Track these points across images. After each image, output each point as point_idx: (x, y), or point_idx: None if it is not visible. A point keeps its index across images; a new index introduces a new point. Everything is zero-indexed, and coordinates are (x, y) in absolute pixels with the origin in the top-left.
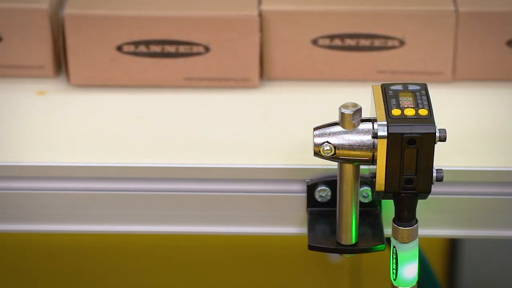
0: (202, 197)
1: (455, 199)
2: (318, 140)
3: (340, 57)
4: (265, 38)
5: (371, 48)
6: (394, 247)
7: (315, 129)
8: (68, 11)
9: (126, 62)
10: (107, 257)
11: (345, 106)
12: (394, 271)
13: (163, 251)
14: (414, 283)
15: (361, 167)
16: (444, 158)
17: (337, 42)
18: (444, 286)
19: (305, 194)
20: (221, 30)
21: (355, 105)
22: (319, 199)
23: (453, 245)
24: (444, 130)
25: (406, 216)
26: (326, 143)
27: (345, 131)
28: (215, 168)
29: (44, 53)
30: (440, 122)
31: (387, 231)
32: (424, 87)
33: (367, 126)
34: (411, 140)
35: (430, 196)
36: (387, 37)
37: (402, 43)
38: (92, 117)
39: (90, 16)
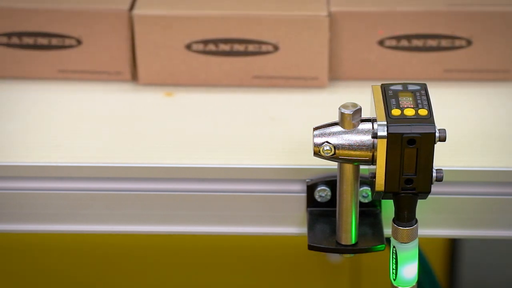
0: (202, 197)
1: (455, 199)
2: (318, 140)
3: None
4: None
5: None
6: (394, 247)
7: (315, 129)
8: None
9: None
10: (107, 257)
11: (345, 106)
12: (394, 271)
13: (163, 251)
14: (414, 283)
15: (361, 167)
16: (444, 158)
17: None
18: (444, 286)
19: (305, 194)
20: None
21: (355, 105)
22: (319, 199)
23: (453, 245)
24: (444, 130)
25: (406, 216)
26: (326, 143)
27: (345, 131)
28: (215, 168)
29: None
30: (439, 122)
31: (387, 231)
32: (424, 87)
33: (367, 126)
34: (411, 140)
35: (430, 196)
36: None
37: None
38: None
39: None
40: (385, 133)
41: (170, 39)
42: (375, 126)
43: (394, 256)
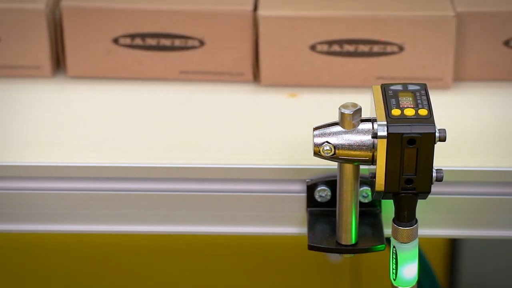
0: (202, 197)
1: (455, 199)
2: (318, 140)
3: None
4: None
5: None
6: (394, 247)
7: (315, 129)
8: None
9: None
10: (107, 257)
11: (345, 106)
12: (394, 271)
13: (163, 251)
14: (414, 283)
15: (361, 167)
16: (444, 158)
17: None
18: (444, 286)
19: (305, 194)
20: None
21: (355, 105)
22: (319, 199)
23: (453, 245)
24: (444, 130)
25: (406, 216)
26: (326, 143)
27: (345, 131)
28: (215, 168)
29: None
30: (439, 122)
31: (387, 231)
32: (424, 87)
33: (367, 126)
34: (411, 140)
35: (430, 196)
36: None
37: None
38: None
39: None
40: (385, 133)
41: (295, 40)
42: (375, 126)
43: (394, 256)
